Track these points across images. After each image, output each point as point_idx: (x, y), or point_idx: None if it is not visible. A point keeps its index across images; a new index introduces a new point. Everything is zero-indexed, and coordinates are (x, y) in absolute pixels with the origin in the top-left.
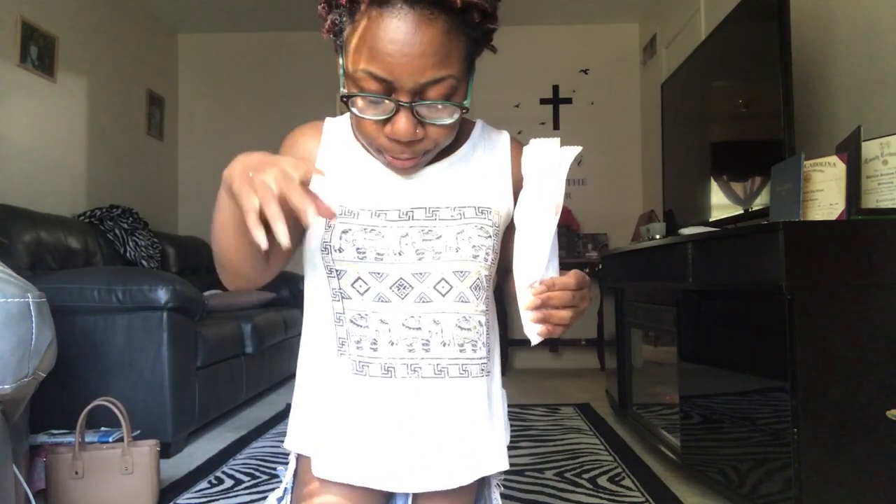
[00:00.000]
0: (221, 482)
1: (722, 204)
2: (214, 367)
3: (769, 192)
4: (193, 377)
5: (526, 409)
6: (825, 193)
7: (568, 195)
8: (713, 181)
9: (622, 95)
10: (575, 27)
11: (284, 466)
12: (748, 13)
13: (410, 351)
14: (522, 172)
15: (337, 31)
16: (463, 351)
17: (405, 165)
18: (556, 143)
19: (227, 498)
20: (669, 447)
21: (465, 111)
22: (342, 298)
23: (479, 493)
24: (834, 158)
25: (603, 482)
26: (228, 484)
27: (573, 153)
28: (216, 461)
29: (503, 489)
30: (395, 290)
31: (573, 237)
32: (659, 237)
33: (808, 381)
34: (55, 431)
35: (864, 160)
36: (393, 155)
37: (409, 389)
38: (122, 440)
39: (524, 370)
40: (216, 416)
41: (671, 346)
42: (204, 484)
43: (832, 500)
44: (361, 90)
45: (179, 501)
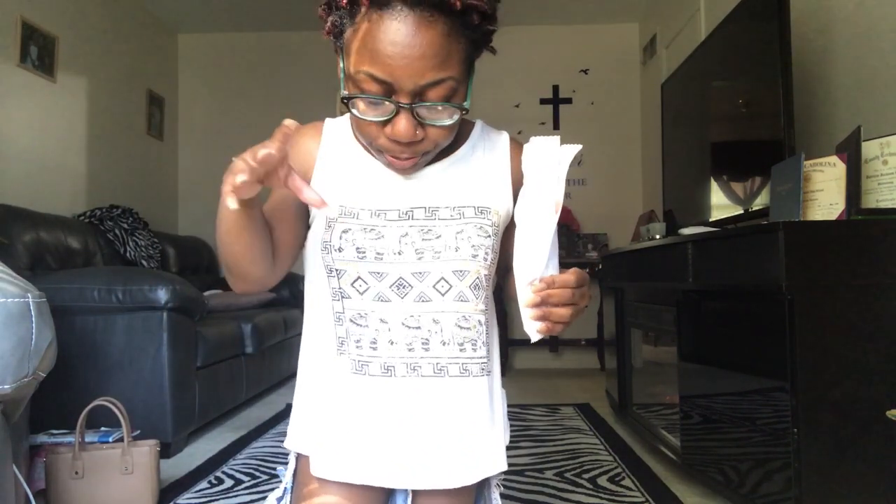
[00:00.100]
0: (221, 482)
1: (722, 204)
2: (214, 367)
3: (769, 192)
4: (193, 377)
5: (526, 409)
6: (825, 193)
7: (568, 195)
8: (713, 181)
9: (622, 95)
10: (575, 27)
11: (284, 466)
12: (748, 13)
13: (410, 350)
14: (522, 170)
15: (337, 32)
16: (463, 350)
17: (405, 166)
18: (556, 141)
19: (227, 498)
20: (669, 447)
21: (464, 112)
22: (342, 298)
23: (478, 493)
24: (834, 158)
25: (603, 482)
26: (228, 484)
27: (573, 151)
28: (216, 461)
29: (503, 489)
30: (394, 289)
31: (573, 237)
32: (659, 237)
33: (808, 381)
34: (55, 431)
35: (864, 160)
36: (393, 155)
37: (408, 388)
38: (122, 440)
39: (524, 370)
40: (216, 416)
41: (671, 346)
42: (204, 484)
43: (832, 500)
44: (362, 92)
45: (179, 501)
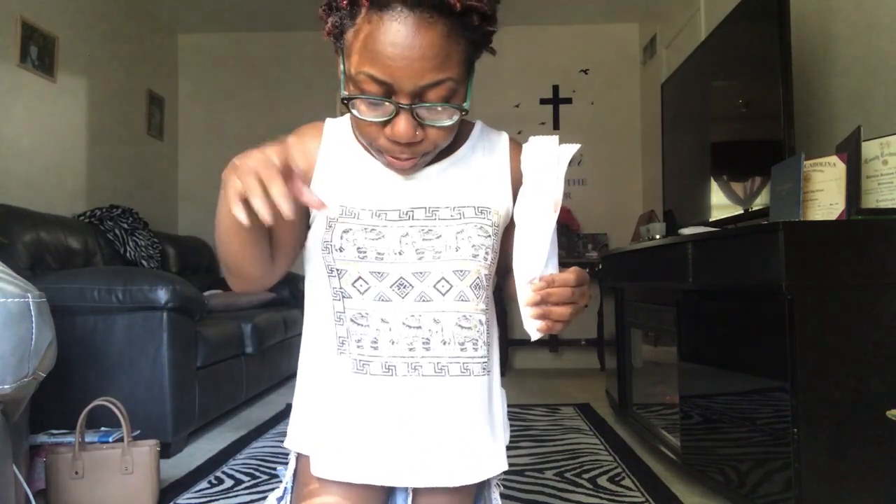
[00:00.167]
0: (221, 482)
1: (722, 204)
2: (214, 367)
3: (769, 192)
4: (193, 377)
5: (526, 409)
6: (825, 193)
7: (568, 195)
8: (713, 181)
9: (622, 95)
10: (575, 27)
11: (284, 466)
12: (748, 13)
13: (411, 350)
14: (522, 169)
15: (338, 33)
16: (464, 350)
17: (405, 166)
18: (555, 140)
19: (227, 498)
20: (669, 447)
21: (464, 113)
22: (343, 297)
23: (478, 492)
24: (834, 158)
25: (603, 482)
26: (228, 484)
27: (572, 150)
28: (216, 461)
29: (503, 489)
30: (395, 289)
31: (573, 237)
32: (659, 237)
33: (808, 381)
34: (55, 431)
35: (864, 160)
36: (393, 156)
37: (409, 388)
38: (122, 440)
39: (524, 370)
40: (216, 416)
41: (671, 346)
42: (204, 484)
43: (832, 500)
44: (362, 92)
45: (179, 501)
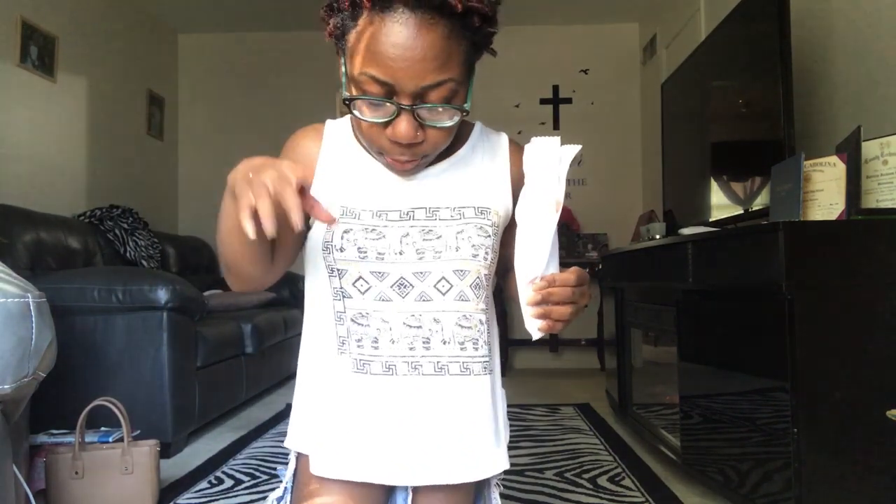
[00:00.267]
0: (221, 482)
1: (722, 204)
2: (214, 367)
3: (769, 192)
4: (193, 377)
5: (526, 409)
6: (825, 193)
7: (568, 195)
8: (713, 181)
9: (622, 95)
10: (575, 27)
11: (284, 466)
12: (748, 13)
13: (411, 349)
14: (524, 170)
15: (339, 34)
16: (464, 349)
17: (405, 168)
18: (556, 141)
19: (227, 498)
20: (669, 447)
21: (465, 114)
22: (343, 297)
23: (478, 492)
24: (834, 158)
25: (603, 482)
26: (228, 484)
27: (573, 151)
28: (216, 461)
29: (503, 489)
30: (395, 289)
31: (573, 237)
32: (659, 237)
33: (808, 381)
34: (55, 431)
35: (864, 160)
36: (393, 157)
37: (410, 387)
38: (122, 440)
39: (524, 370)
40: (216, 416)
41: (671, 346)
42: (204, 484)
43: (832, 500)
44: (363, 93)
45: (179, 501)
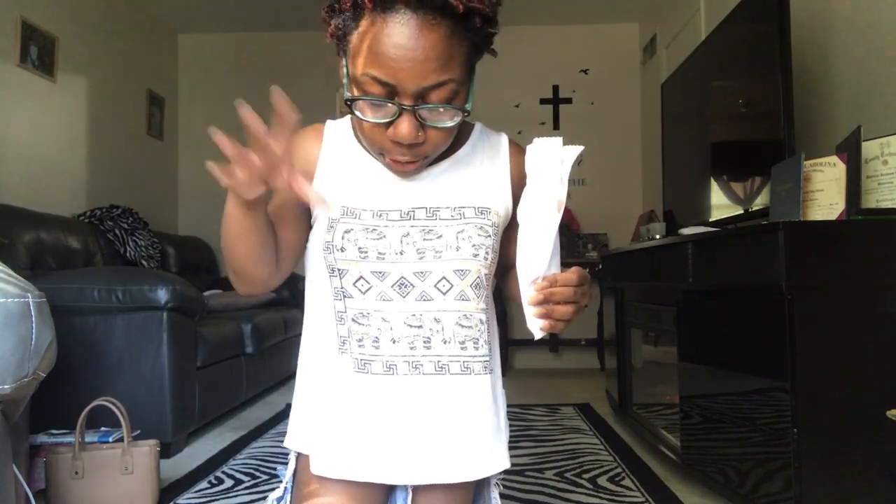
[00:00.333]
0: (221, 482)
1: (722, 204)
2: (214, 367)
3: (769, 192)
4: (193, 377)
5: (526, 409)
6: (825, 193)
7: (568, 195)
8: (713, 181)
9: (622, 95)
10: (575, 27)
11: (284, 466)
12: (748, 13)
13: (412, 349)
14: (526, 171)
15: (341, 35)
16: (464, 348)
17: (406, 169)
18: (558, 142)
19: (227, 498)
20: (669, 447)
21: (466, 115)
22: (344, 297)
23: (478, 492)
24: (834, 158)
25: (603, 482)
26: (228, 484)
27: (575, 152)
28: (216, 461)
29: (502, 489)
30: (396, 288)
31: (573, 237)
32: (659, 237)
33: (808, 381)
34: (55, 431)
35: (864, 160)
36: (394, 158)
37: (410, 386)
38: (122, 440)
39: (524, 370)
40: (216, 416)
41: (671, 346)
42: (204, 484)
43: (832, 500)
44: (365, 93)
45: (179, 501)
